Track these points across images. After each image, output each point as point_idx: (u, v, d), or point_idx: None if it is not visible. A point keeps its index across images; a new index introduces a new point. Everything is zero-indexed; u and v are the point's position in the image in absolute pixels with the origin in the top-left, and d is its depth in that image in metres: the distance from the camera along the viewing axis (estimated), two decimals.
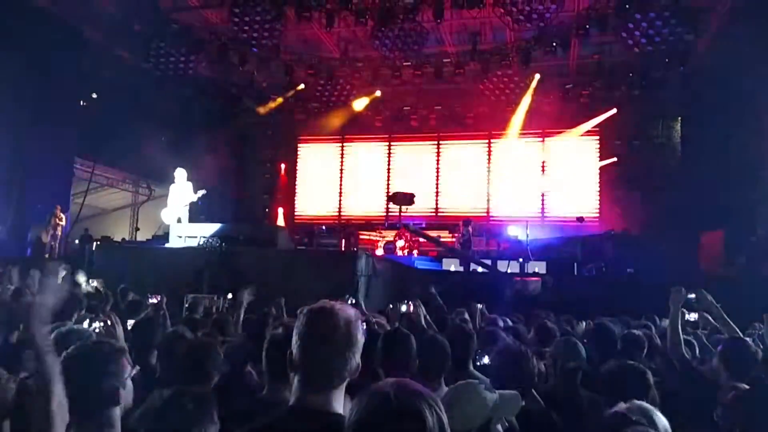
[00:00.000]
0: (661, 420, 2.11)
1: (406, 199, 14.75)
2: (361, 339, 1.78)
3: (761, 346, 4.07)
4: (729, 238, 12.20)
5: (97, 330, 3.10)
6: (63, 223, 13.38)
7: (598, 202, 17.76)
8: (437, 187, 19.48)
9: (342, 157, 20.48)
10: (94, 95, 15.44)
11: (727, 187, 12.83)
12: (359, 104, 18.59)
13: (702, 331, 5.08)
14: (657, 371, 3.69)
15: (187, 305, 6.33)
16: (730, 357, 3.51)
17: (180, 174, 11.47)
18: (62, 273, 6.86)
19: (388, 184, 19.81)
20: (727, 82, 13.22)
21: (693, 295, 4.09)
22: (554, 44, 14.70)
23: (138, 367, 2.69)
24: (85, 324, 3.18)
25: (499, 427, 2.20)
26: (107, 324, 3.10)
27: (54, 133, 13.36)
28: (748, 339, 3.94)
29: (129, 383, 2.19)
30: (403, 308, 6.71)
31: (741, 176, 12.65)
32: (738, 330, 4.21)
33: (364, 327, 1.85)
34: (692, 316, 4.49)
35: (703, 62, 14.54)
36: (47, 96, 13.15)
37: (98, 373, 2.10)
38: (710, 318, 4.57)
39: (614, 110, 17.18)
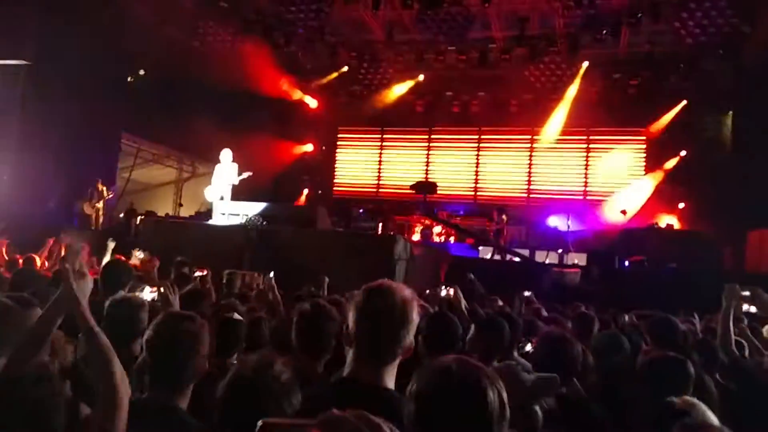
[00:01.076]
0: (709, 414, 2.10)
1: (428, 187, 14.83)
2: (416, 318, 1.81)
3: None
4: None
5: (152, 299, 3.19)
6: (106, 195, 13.72)
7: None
8: (477, 174, 19.32)
9: (382, 142, 20.47)
10: (142, 72, 15.71)
11: None
12: (402, 88, 18.51)
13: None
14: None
15: (224, 281, 6.41)
16: None
17: (226, 154, 11.66)
18: (111, 246, 7.06)
19: (427, 170, 19.74)
20: None
21: (747, 293, 4.00)
22: (604, 32, 14.36)
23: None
24: (140, 293, 3.28)
25: (538, 408, 2.22)
26: (162, 293, 3.18)
27: (102, 109, 13.65)
28: None
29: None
30: (443, 293, 6.72)
31: None
32: None
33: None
34: (752, 308, 4.37)
35: (758, 54, 14.02)
36: (98, 71, 13.44)
37: (186, 348, 2.15)
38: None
39: (684, 102, 16.48)
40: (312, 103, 19.51)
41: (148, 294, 3.23)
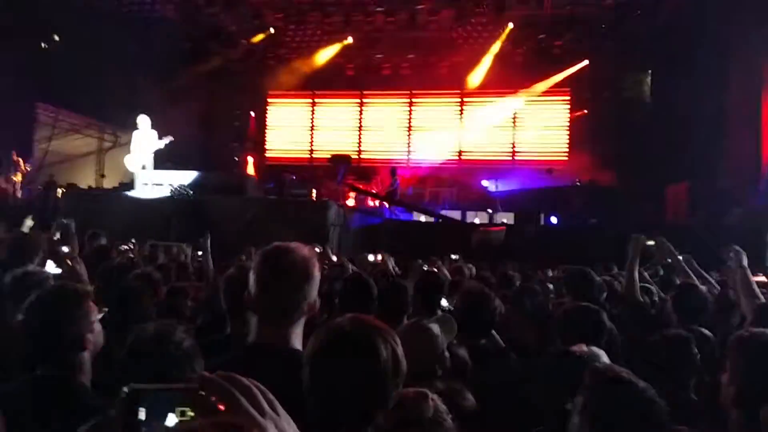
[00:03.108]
0: (606, 360, 2.20)
1: (344, 159, 15.05)
2: (317, 275, 1.81)
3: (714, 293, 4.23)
4: (693, 190, 12.49)
5: (56, 272, 3.07)
6: (23, 168, 13.04)
7: (567, 154, 17.91)
8: (409, 138, 19.42)
9: (313, 107, 20.21)
10: (56, 38, 14.85)
11: (694, 140, 13.04)
12: (331, 51, 18.24)
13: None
14: (616, 316, 3.81)
15: (146, 254, 6.21)
16: (681, 303, 3.65)
17: (143, 120, 11.22)
18: (29, 224, 6.71)
19: (360, 136, 19.69)
20: (698, 37, 13.27)
21: (652, 242, 4.20)
22: None
23: (106, 310, 2.69)
24: (46, 267, 3.15)
25: (447, 354, 2.29)
26: (69, 266, 3.07)
27: (15, 78, 12.88)
28: (702, 286, 4.08)
29: (98, 325, 2.18)
30: (371, 257, 6.81)
31: (707, 129, 12.85)
32: (695, 277, 4.36)
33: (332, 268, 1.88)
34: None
35: (675, 16, 14.53)
36: (6, 39, 12.61)
37: (62, 318, 2.06)
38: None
39: (586, 62, 17.20)
40: (239, 68, 18.93)
41: (52, 268, 3.11)
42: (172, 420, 0.81)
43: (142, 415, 0.81)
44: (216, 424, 0.78)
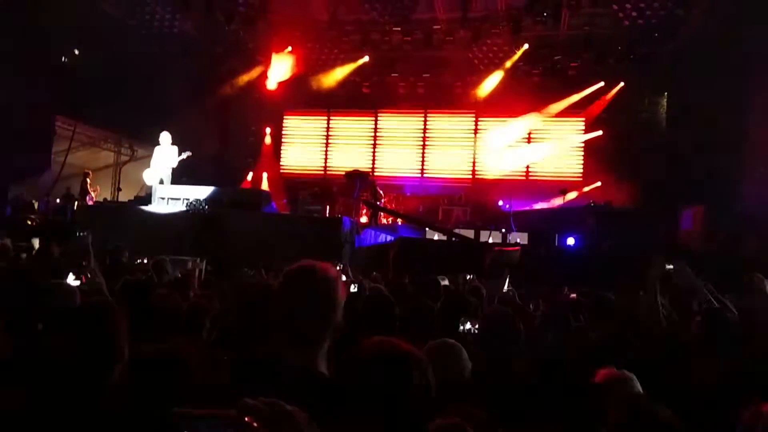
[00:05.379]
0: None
1: (360, 175, 15.06)
2: (341, 298, 1.80)
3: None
4: (710, 213, 12.38)
5: (79, 284, 3.09)
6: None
7: (582, 175, 17.83)
8: (423, 156, 19.46)
9: (328, 123, 20.31)
10: (77, 51, 15.06)
11: (711, 163, 12.94)
12: (347, 69, 18.38)
13: None
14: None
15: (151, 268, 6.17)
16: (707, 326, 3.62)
17: (165, 137, 11.35)
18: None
19: (374, 152, 19.75)
20: (715, 59, 13.24)
21: (672, 266, 4.17)
22: (545, 13, 14.58)
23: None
24: (66, 279, 3.17)
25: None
26: (90, 278, 3.09)
27: (35, 91, 13.06)
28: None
29: None
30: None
31: (724, 153, 12.76)
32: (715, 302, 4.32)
33: (355, 288, 1.88)
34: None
35: (693, 38, 14.52)
36: (28, 51, 12.80)
37: (111, 331, 2.09)
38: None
39: (602, 83, 17.17)
40: (256, 84, 19.09)
41: (71, 281, 3.12)
42: None
43: None
44: None
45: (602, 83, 17.19)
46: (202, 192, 10.68)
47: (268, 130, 20.33)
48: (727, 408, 2.68)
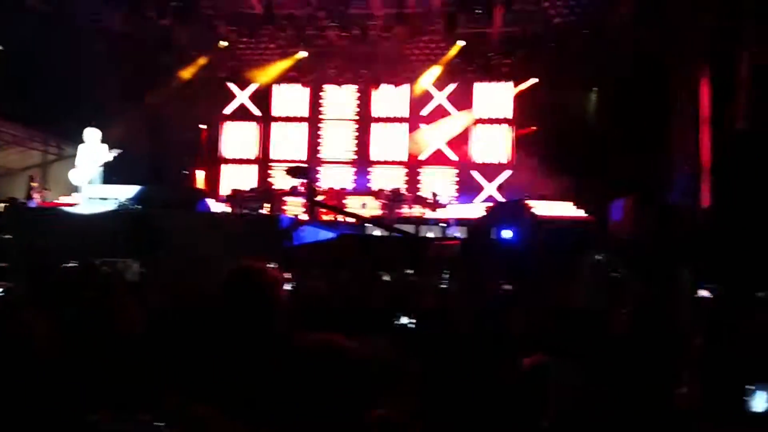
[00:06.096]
0: None
1: (301, 171, 15.03)
2: (281, 298, 1.80)
3: None
4: (638, 205, 12.89)
5: None
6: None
7: (513, 166, 18.32)
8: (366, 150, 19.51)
9: (266, 120, 20.03)
10: (0, 47, 14.32)
11: (639, 158, 13.49)
12: (283, 65, 18.24)
13: None
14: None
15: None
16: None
17: (90, 134, 10.94)
18: None
19: (312, 147, 19.64)
20: (640, 57, 13.81)
21: (600, 257, 4.34)
22: (477, 10, 14.84)
23: None
24: None
25: None
26: None
27: None
28: None
29: None
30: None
31: (652, 147, 13.33)
32: None
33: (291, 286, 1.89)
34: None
35: (621, 35, 15.06)
36: None
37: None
38: None
39: (536, 80, 17.60)
40: (191, 80, 18.62)
41: None
42: None
43: None
44: None
45: (536, 80, 17.65)
46: (132, 191, 10.36)
47: (204, 126, 19.88)
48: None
